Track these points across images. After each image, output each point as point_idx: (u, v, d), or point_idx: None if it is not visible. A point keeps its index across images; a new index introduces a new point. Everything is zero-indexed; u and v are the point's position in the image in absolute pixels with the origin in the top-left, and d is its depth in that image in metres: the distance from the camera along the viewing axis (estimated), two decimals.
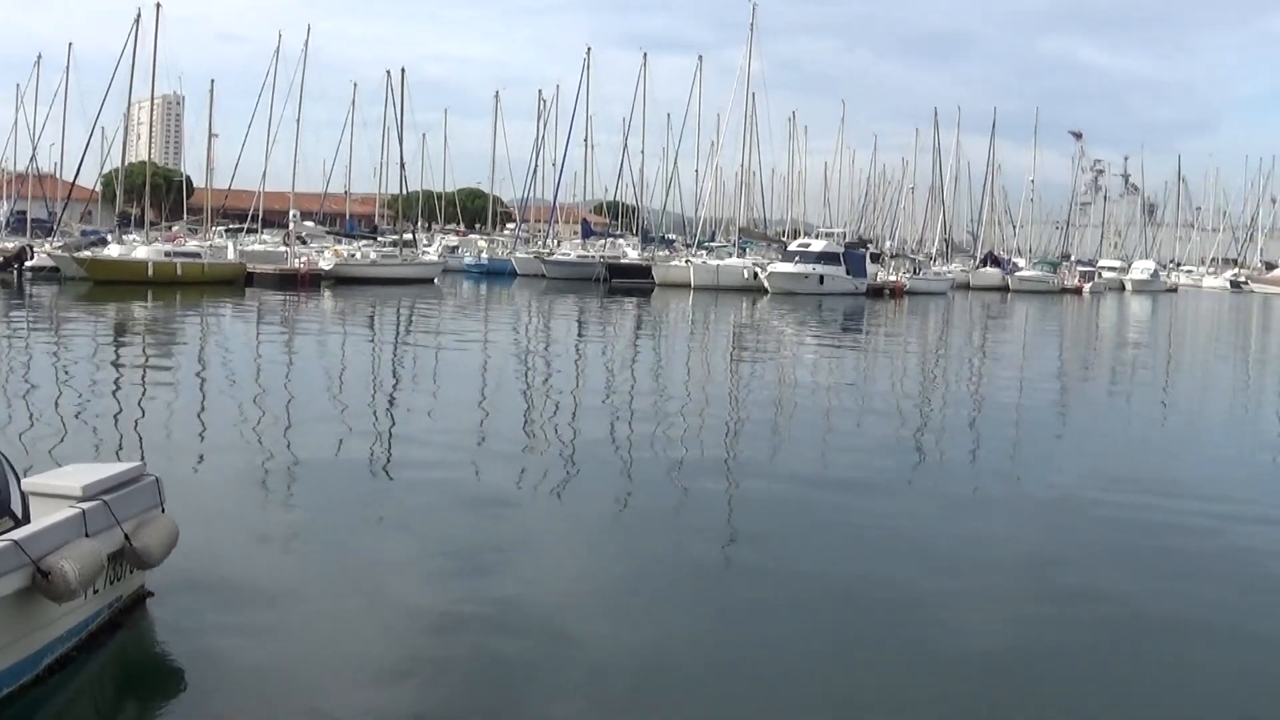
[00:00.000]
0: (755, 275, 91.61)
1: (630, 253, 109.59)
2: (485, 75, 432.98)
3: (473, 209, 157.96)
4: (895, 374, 41.31)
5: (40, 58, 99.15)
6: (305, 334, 45.37)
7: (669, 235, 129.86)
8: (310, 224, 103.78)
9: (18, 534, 9.44)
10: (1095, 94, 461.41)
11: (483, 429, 24.39)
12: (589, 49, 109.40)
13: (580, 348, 45.94)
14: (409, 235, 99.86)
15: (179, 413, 25.01)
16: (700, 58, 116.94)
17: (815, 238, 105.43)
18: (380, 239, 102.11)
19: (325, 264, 78.56)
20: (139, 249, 71.00)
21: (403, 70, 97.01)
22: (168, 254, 70.23)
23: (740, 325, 62.11)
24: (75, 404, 25.04)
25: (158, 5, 75.54)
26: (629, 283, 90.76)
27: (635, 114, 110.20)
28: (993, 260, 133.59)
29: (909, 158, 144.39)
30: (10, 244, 76.98)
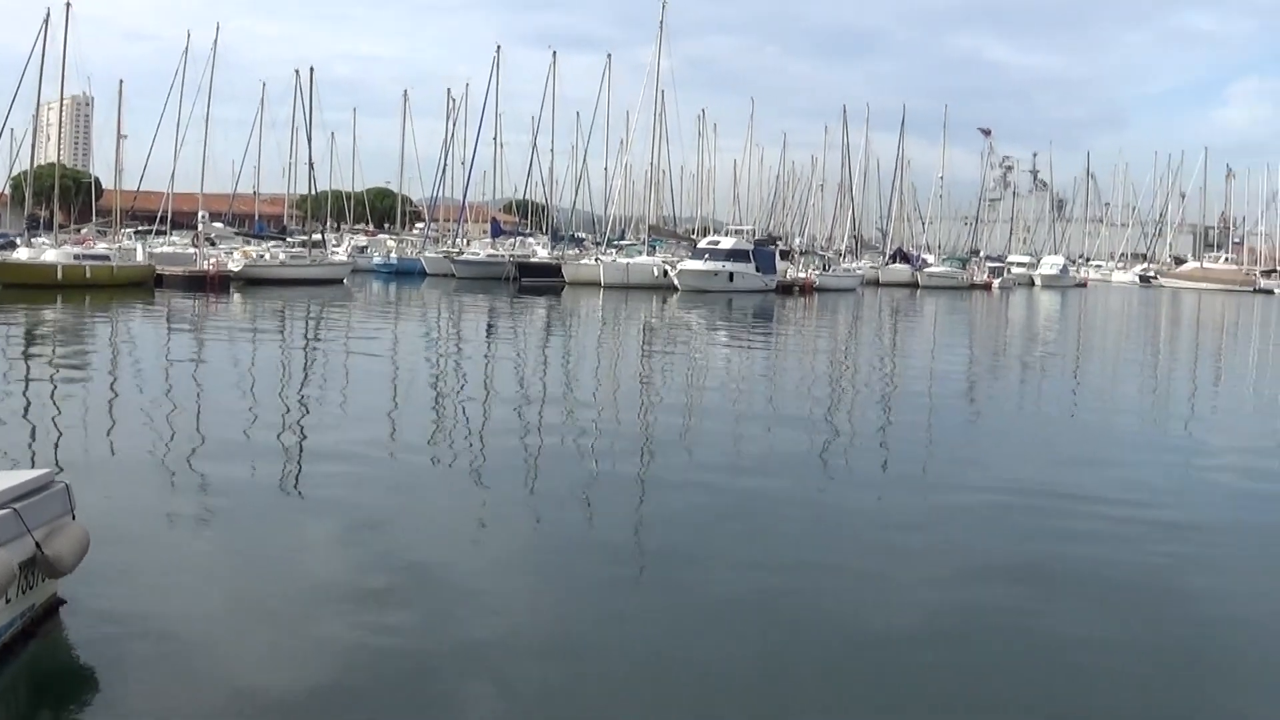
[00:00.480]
0: (665, 273, 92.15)
1: (540, 252, 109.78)
2: (394, 74, 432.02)
3: (382, 208, 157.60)
4: (805, 371, 41.76)
5: None
6: (214, 336, 45.04)
7: (579, 234, 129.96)
8: (219, 225, 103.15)
9: None
10: (1005, 91, 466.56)
11: (393, 429, 24.52)
12: (498, 47, 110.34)
13: (491, 347, 45.93)
14: (318, 235, 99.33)
15: (89, 418, 24.83)
16: (609, 56, 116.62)
17: (725, 235, 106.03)
18: (289, 239, 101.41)
19: (234, 265, 78.03)
20: (48, 252, 70.08)
21: (311, 69, 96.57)
22: (77, 257, 69.39)
23: (650, 323, 62.36)
24: None
25: (67, 4, 74.64)
26: (539, 282, 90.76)
27: (544, 112, 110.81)
28: (902, 257, 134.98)
29: (818, 155, 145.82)
30: None
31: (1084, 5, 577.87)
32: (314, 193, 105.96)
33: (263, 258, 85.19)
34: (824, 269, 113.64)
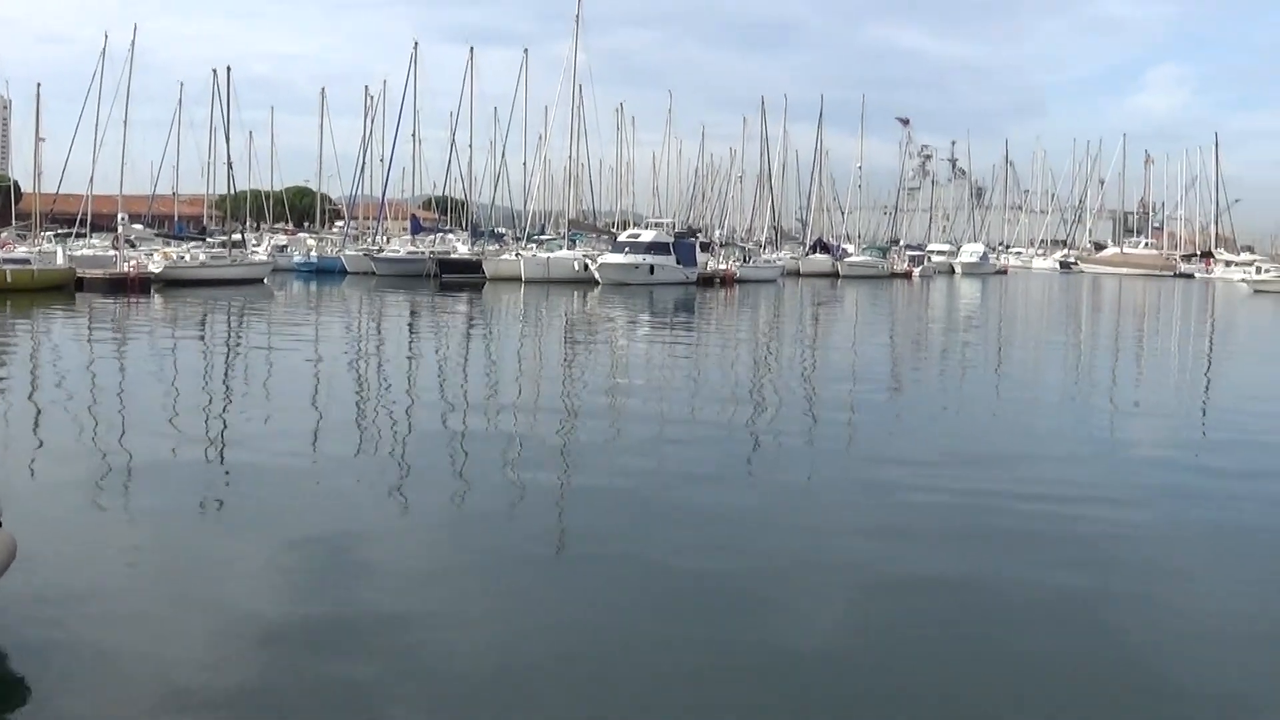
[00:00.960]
0: (586, 267, 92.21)
1: (460, 248, 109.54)
2: (313, 72, 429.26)
3: (301, 207, 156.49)
4: (727, 362, 42.11)
5: None
6: (136, 339, 44.88)
7: (499, 229, 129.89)
8: (139, 227, 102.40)
9: None
10: (922, 80, 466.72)
11: (316, 429, 24.63)
12: (416, 44, 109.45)
13: (412, 345, 46.07)
14: (238, 235, 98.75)
15: (12, 423, 24.85)
16: (526, 51, 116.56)
17: (645, 228, 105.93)
18: (209, 240, 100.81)
19: (154, 267, 77.34)
20: None
21: (228, 69, 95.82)
22: None
23: (571, 318, 62.52)
24: None
25: None
26: (460, 278, 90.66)
27: (463, 108, 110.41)
28: (822, 247, 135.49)
29: (737, 147, 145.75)
30: None
31: None
32: (233, 192, 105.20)
33: (183, 259, 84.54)
34: (744, 260, 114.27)
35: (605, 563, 14.87)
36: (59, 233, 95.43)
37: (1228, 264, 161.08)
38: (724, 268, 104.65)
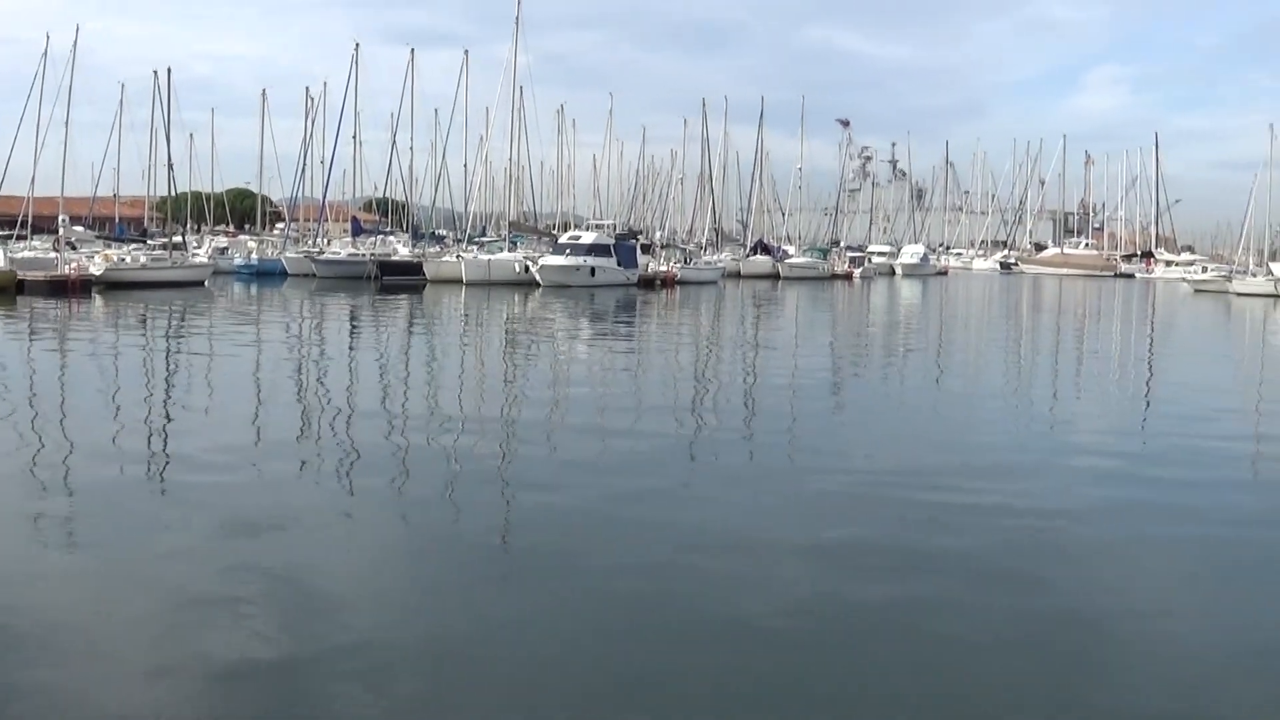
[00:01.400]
0: (527, 269, 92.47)
1: (401, 250, 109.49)
2: (254, 73, 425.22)
3: (242, 209, 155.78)
4: (668, 364, 42.33)
5: None
6: (77, 342, 44.80)
7: (439, 231, 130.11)
8: (80, 229, 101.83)
9: None
10: (862, 82, 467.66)
11: (255, 433, 24.76)
12: (357, 45, 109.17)
13: (353, 347, 46.31)
14: (178, 238, 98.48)
15: None
16: (466, 52, 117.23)
17: (586, 230, 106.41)
18: (150, 242, 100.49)
19: (96, 269, 77.10)
20: None
21: (169, 70, 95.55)
22: None
23: (513, 319, 62.78)
24: None
25: None
26: (401, 280, 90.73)
27: (404, 109, 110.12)
28: (763, 248, 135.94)
29: (677, 148, 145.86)
30: None
31: None
32: (174, 194, 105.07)
33: (124, 261, 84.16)
34: (685, 262, 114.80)
35: (543, 573, 14.67)
36: None
37: (1168, 264, 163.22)
38: (665, 269, 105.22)
